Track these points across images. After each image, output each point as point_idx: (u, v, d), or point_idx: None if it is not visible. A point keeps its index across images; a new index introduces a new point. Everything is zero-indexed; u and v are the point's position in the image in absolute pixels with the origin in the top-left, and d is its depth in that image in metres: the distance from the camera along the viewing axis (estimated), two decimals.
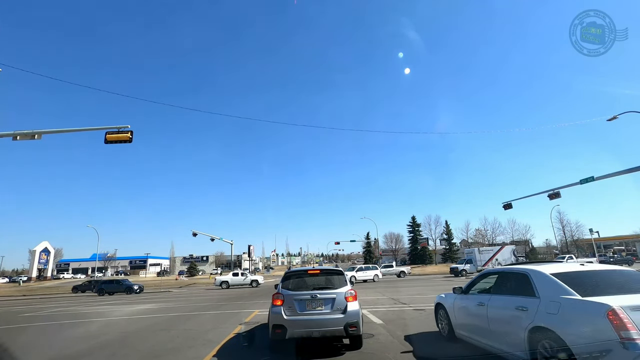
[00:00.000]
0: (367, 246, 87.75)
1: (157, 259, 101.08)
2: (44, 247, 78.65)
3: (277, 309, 5.97)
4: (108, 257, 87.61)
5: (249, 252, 63.57)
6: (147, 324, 10.64)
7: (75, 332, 10.16)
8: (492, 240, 67.08)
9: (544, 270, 4.54)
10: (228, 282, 31.30)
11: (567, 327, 3.69)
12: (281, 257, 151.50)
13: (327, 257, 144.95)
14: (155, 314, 13.71)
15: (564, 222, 63.56)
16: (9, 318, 14.64)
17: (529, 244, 68.66)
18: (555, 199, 25.34)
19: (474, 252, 38.30)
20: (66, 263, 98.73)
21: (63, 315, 14.84)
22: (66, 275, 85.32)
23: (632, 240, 66.11)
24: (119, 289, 31.22)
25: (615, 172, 20.35)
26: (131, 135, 13.07)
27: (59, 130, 14.34)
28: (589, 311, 3.57)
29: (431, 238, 72.12)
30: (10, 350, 6.85)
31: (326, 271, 6.81)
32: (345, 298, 6.01)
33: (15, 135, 12.97)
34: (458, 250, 69.16)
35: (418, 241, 71.66)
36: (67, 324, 12.07)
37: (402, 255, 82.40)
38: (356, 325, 5.80)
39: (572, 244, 63.33)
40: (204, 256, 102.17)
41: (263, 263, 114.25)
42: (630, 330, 3.15)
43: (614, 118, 19.10)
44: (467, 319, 5.84)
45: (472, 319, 5.65)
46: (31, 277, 72.56)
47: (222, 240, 48.25)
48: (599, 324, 3.36)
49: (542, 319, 4.03)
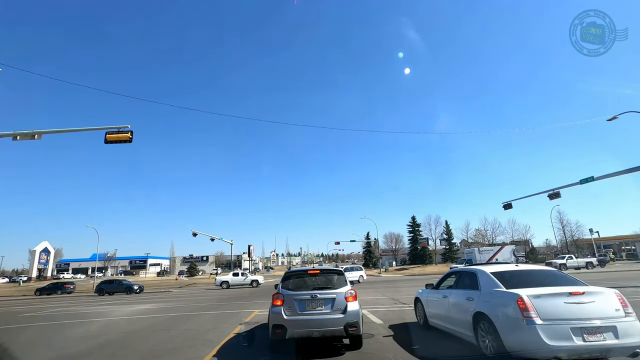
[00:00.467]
0: (367, 246, 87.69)
1: (157, 259, 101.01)
2: (44, 247, 78.59)
3: (277, 309, 5.97)
4: (108, 257, 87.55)
5: (249, 252, 63.57)
6: (147, 324, 10.65)
7: (75, 332, 10.16)
8: (492, 240, 67.01)
9: (486, 270, 5.82)
10: (228, 282, 31.26)
11: (494, 311, 4.99)
12: (281, 257, 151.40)
13: (327, 257, 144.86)
14: (155, 314, 13.71)
15: (564, 222, 63.47)
16: (9, 318, 14.64)
17: (529, 244, 68.54)
18: (555, 199, 25.30)
19: (474, 252, 38.36)
20: (66, 263, 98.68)
21: (63, 315, 14.84)
22: (66, 275, 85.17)
23: (632, 240, 66.06)
24: (119, 289, 31.21)
25: (615, 172, 20.33)
26: (131, 135, 13.06)
27: (59, 130, 14.33)
28: (507, 299, 4.86)
29: (431, 238, 72.01)
30: (10, 350, 6.85)
31: (326, 271, 6.81)
32: (345, 298, 6.01)
33: (15, 135, 12.97)
34: (458, 250, 69.07)
35: (418, 241, 71.53)
36: (67, 324, 12.07)
37: (402, 255, 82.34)
38: (356, 325, 5.79)
39: (572, 244, 63.23)
40: (204, 256, 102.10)
41: (263, 263, 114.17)
42: (530, 312, 4.50)
43: (614, 118, 19.08)
44: (436, 309, 7.09)
45: (439, 309, 6.90)
46: (31, 277, 72.50)
47: (222, 240, 48.29)
48: (512, 307, 4.68)
49: (481, 306, 5.31)
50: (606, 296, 4.71)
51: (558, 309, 4.52)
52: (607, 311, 4.52)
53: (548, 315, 4.47)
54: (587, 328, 4.33)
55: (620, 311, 4.54)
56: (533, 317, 4.44)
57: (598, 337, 4.29)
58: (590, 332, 4.31)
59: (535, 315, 4.45)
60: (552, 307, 4.54)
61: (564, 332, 4.30)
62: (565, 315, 4.46)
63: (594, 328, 4.34)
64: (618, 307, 4.58)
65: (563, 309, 4.52)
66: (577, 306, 4.53)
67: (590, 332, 4.31)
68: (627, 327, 4.38)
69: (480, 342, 5.20)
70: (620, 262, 47.18)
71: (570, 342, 4.24)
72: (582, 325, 4.34)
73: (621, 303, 4.63)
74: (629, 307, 4.64)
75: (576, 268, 35.04)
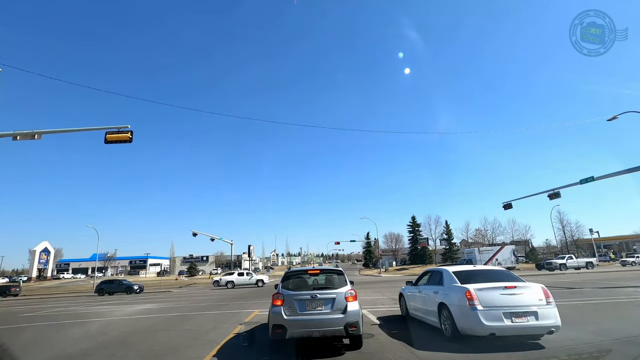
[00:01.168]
0: (367, 246, 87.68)
1: (157, 259, 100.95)
2: (44, 247, 78.58)
3: (277, 309, 5.96)
4: (108, 257, 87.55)
5: (249, 252, 63.50)
6: (147, 324, 10.64)
7: (75, 332, 10.14)
8: (492, 240, 67.00)
9: (449, 269, 7.25)
10: (234, 282, 30.85)
11: (451, 301, 6.36)
12: (281, 257, 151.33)
13: (327, 257, 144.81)
14: (155, 314, 13.70)
15: (564, 222, 63.52)
16: (9, 318, 14.64)
17: (529, 244, 68.53)
18: (555, 199, 25.27)
19: (474, 252, 38.28)
20: (66, 263, 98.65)
21: (63, 315, 14.82)
22: (66, 275, 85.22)
23: (632, 240, 66.06)
24: (119, 289, 31.15)
25: (615, 172, 20.29)
26: (131, 135, 13.05)
27: (59, 130, 14.32)
28: (459, 292, 6.24)
29: (431, 238, 71.99)
30: (10, 350, 6.84)
31: (326, 271, 6.82)
32: (345, 298, 6.00)
33: (15, 135, 12.96)
34: (458, 250, 69.01)
35: (418, 241, 71.49)
36: (67, 324, 12.06)
37: (402, 255, 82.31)
38: (356, 325, 5.79)
39: (572, 244, 63.23)
40: (204, 256, 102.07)
41: (263, 263, 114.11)
42: (474, 301, 5.88)
43: (614, 118, 19.06)
44: (413, 302, 8.49)
45: (416, 302, 8.33)
46: (31, 277, 72.53)
47: (222, 240, 48.23)
48: (462, 298, 6.05)
49: (443, 297, 6.68)
50: (533, 289, 6.04)
51: (495, 299, 5.88)
52: (532, 300, 5.86)
53: (487, 303, 5.84)
54: (515, 312, 5.72)
55: (542, 300, 5.87)
56: (476, 305, 5.83)
57: (523, 320, 5.68)
58: (517, 315, 5.71)
59: (478, 304, 5.84)
60: (491, 297, 5.91)
61: (497, 316, 5.70)
62: (500, 303, 5.83)
63: (521, 312, 5.72)
64: (541, 298, 5.91)
65: (499, 298, 5.88)
66: (509, 297, 5.90)
67: (517, 315, 5.71)
68: (546, 312, 5.75)
69: (442, 326, 6.62)
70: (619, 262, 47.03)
71: (501, 322, 5.65)
72: (511, 311, 5.73)
73: (544, 294, 5.96)
74: (550, 297, 5.98)
75: (576, 268, 34.95)
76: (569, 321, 7.78)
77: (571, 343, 5.87)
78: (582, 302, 11.15)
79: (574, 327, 7.06)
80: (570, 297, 12.73)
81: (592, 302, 11.26)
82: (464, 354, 5.52)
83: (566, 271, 33.70)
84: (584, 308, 10.01)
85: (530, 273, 34.66)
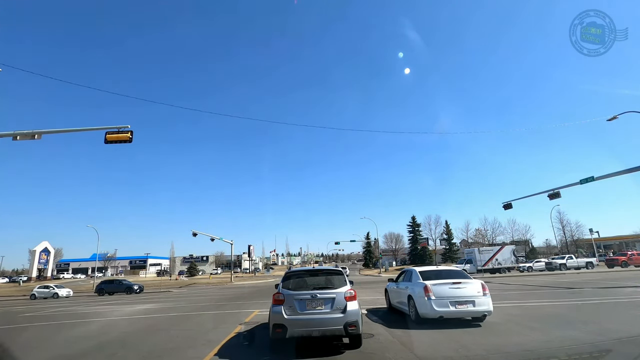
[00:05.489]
0: (367, 246, 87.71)
1: (157, 259, 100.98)
2: (44, 247, 78.54)
3: (277, 308, 5.99)
4: (108, 257, 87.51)
5: (249, 252, 63.62)
6: (147, 324, 10.65)
7: (75, 332, 10.16)
8: (492, 240, 66.97)
9: (416, 269, 9.21)
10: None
11: (415, 293, 8.33)
12: (281, 257, 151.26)
13: (327, 257, 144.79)
14: (156, 314, 13.71)
15: (564, 222, 63.47)
16: (9, 318, 14.65)
17: (529, 244, 68.58)
18: (555, 199, 25.23)
19: (474, 252, 38.19)
20: (66, 263, 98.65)
21: (63, 315, 14.84)
22: (66, 275, 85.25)
23: (632, 240, 66.05)
24: (119, 289, 31.17)
25: (615, 172, 20.26)
26: (131, 135, 13.05)
27: (59, 130, 14.32)
28: (420, 286, 8.22)
29: (431, 238, 72.04)
30: (10, 350, 6.85)
31: (326, 271, 6.84)
32: (345, 298, 6.03)
33: (15, 135, 12.96)
34: (458, 250, 69.04)
35: (418, 241, 71.51)
36: (67, 324, 12.07)
37: (402, 255, 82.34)
38: (356, 324, 5.81)
39: (572, 244, 63.20)
40: (204, 256, 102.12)
41: (263, 263, 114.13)
42: (429, 293, 7.90)
43: (614, 118, 19.05)
44: (394, 295, 10.43)
45: (395, 295, 10.29)
46: (31, 277, 72.46)
47: (222, 240, 48.22)
48: (421, 291, 8.06)
49: (410, 291, 8.64)
50: (474, 284, 8.04)
51: (444, 291, 7.90)
52: (472, 292, 7.88)
53: (438, 294, 7.86)
54: (459, 301, 7.78)
55: (480, 292, 7.88)
56: (431, 296, 7.86)
57: (464, 306, 7.76)
58: (459, 303, 7.77)
59: (432, 295, 7.87)
60: (441, 290, 7.92)
61: (445, 303, 7.75)
62: (448, 294, 7.85)
63: (462, 301, 7.78)
64: (479, 290, 7.91)
65: (447, 291, 7.90)
66: (455, 289, 7.93)
67: (459, 303, 7.77)
68: (481, 301, 7.78)
69: (410, 312, 8.59)
70: None
71: (447, 308, 7.72)
72: (456, 300, 7.78)
73: (482, 288, 7.95)
74: (487, 290, 7.98)
75: (576, 268, 34.91)
76: (569, 321, 7.86)
77: (571, 343, 5.86)
78: (582, 302, 11.16)
79: (574, 327, 7.07)
80: (570, 297, 12.74)
81: (592, 302, 11.26)
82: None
83: (566, 271, 33.70)
84: (584, 308, 10.01)
85: (531, 273, 34.68)
